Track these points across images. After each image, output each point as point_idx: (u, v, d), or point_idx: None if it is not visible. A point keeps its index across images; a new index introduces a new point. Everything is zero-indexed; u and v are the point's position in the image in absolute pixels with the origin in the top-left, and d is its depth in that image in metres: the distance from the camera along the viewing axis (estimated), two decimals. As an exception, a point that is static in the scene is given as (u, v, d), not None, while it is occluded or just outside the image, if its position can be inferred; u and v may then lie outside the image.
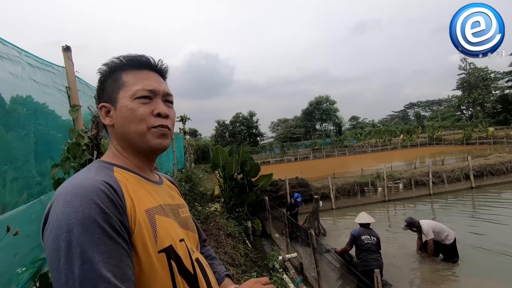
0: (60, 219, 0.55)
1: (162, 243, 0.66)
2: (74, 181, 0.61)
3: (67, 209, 0.55)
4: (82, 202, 0.56)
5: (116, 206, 0.60)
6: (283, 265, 5.61)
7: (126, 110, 0.73)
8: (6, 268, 1.39)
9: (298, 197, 8.17)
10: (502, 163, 12.38)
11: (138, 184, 0.73)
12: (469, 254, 5.91)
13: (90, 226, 0.54)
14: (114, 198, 0.60)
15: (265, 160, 34.89)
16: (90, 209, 0.55)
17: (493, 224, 7.60)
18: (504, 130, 35.15)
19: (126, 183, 0.68)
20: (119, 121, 0.74)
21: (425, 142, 38.07)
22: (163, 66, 0.84)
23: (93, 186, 0.59)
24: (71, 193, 0.57)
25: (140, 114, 0.73)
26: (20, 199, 1.68)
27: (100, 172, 0.67)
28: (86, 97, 2.48)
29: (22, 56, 1.66)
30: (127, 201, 0.64)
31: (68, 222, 0.54)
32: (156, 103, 0.76)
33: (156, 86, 0.77)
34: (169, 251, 0.67)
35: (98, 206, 0.56)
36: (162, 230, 0.68)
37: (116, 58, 0.78)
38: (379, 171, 12.08)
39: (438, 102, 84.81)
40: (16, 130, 1.70)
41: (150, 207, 0.69)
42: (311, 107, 60.68)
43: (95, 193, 0.58)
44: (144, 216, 0.66)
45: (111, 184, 0.63)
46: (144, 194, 0.71)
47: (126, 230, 0.61)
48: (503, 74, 52.27)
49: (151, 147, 0.75)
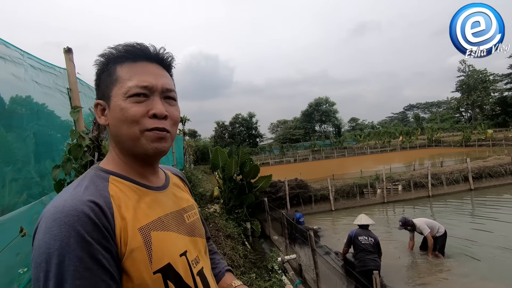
0: (40, 246, 0.52)
1: (158, 262, 0.62)
2: (58, 202, 0.56)
3: (46, 236, 0.52)
4: (61, 229, 0.52)
5: (100, 230, 0.55)
6: (282, 267, 5.62)
7: (118, 110, 0.65)
8: (8, 268, 1.40)
9: (301, 217, 8.09)
10: (501, 165, 12.42)
11: (136, 197, 0.67)
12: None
13: (66, 258, 0.51)
14: (99, 221, 0.55)
15: (264, 161, 34.91)
16: (69, 238, 0.51)
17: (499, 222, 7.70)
18: (503, 132, 35.24)
19: (120, 198, 0.63)
20: (113, 122, 0.67)
21: (424, 144, 38.14)
22: (165, 56, 0.73)
23: (75, 210, 0.54)
24: (51, 217, 0.53)
25: (132, 115, 0.64)
26: (20, 200, 1.69)
27: (92, 185, 0.62)
28: (87, 99, 2.50)
29: (24, 58, 1.67)
30: (117, 222, 0.59)
31: (46, 252, 0.51)
32: (152, 101, 0.66)
33: (153, 82, 0.67)
34: (166, 271, 0.63)
35: (78, 234, 0.52)
36: (158, 248, 0.63)
37: (112, 48, 0.69)
38: (378, 173, 12.11)
39: (437, 104, 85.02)
40: (15, 130, 1.69)
41: (146, 223, 0.64)
42: (310, 108, 60.73)
43: (76, 218, 0.53)
44: (138, 236, 0.61)
45: (99, 203, 0.57)
46: (141, 208, 0.65)
47: (112, 256, 0.56)
48: (502, 76, 52.48)
49: (146, 152, 0.67)
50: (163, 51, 0.72)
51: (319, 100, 60.57)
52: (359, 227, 5.26)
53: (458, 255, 6.08)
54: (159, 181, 0.77)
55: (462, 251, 6.22)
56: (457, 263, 5.80)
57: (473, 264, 5.69)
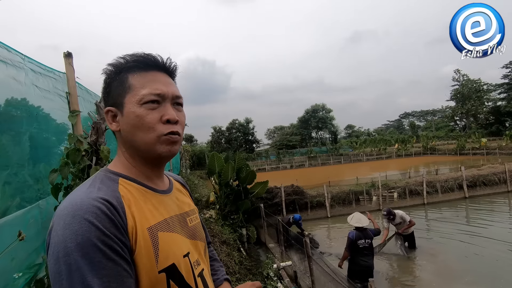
0: (60, 241, 0.54)
1: (163, 262, 0.65)
2: (74, 200, 0.59)
3: (67, 232, 0.54)
4: (81, 224, 0.55)
5: (116, 226, 0.59)
6: (278, 273, 5.59)
7: (133, 117, 0.69)
8: (3, 273, 1.38)
9: (300, 219, 8.32)
10: (495, 174, 12.54)
11: (144, 198, 0.70)
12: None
13: (89, 250, 0.54)
14: (114, 218, 0.59)
15: (260, 167, 34.86)
16: (90, 232, 0.54)
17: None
18: (496, 141, 35.66)
19: (130, 199, 0.66)
20: (126, 128, 0.70)
21: (420, 151, 38.44)
22: (172, 65, 0.78)
23: (93, 206, 0.57)
24: (70, 214, 0.56)
25: (149, 121, 0.68)
26: (13, 204, 1.68)
27: (104, 186, 0.65)
28: (85, 103, 2.50)
29: (25, 62, 1.68)
30: (128, 220, 0.62)
31: (68, 246, 0.53)
32: (165, 108, 0.71)
33: (164, 90, 0.71)
34: (170, 271, 0.65)
35: (97, 228, 0.55)
36: (164, 248, 0.66)
37: (122, 58, 0.73)
38: (374, 180, 12.16)
39: (432, 112, 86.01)
40: (9, 133, 1.69)
41: (154, 223, 0.67)
42: (307, 115, 61.07)
43: (94, 215, 0.56)
44: (146, 235, 0.64)
45: (112, 202, 0.61)
46: (148, 209, 0.69)
47: (128, 250, 0.60)
48: (495, 86, 53.45)
49: (160, 155, 0.71)
50: (169, 61, 0.77)
51: (316, 106, 60.98)
52: (356, 229, 5.19)
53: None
54: (164, 185, 0.81)
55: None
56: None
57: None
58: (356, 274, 5.03)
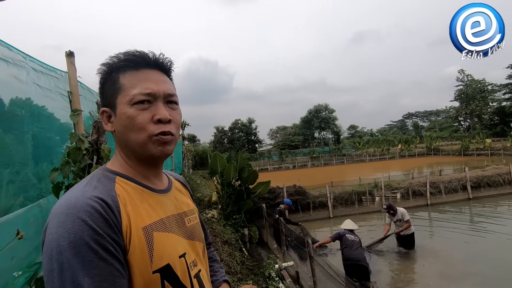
0: (53, 239, 0.54)
1: (158, 262, 0.64)
2: (69, 198, 0.59)
3: (60, 230, 0.54)
4: (74, 223, 0.55)
5: (110, 225, 0.58)
6: (280, 274, 5.57)
7: (125, 118, 0.68)
8: (3, 271, 1.38)
9: (290, 202, 8.75)
10: (499, 175, 12.42)
11: (140, 197, 0.70)
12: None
13: (81, 249, 0.53)
14: (108, 217, 0.59)
15: (263, 167, 34.83)
16: (82, 231, 0.54)
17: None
18: (501, 142, 35.35)
19: (126, 198, 0.66)
20: (119, 129, 0.70)
21: (423, 152, 38.17)
22: (165, 61, 0.76)
23: (87, 205, 0.57)
24: (65, 212, 0.56)
25: (139, 122, 0.68)
26: (16, 202, 1.68)
27: (100, 184, 0.65)
28: (87, 102, 2.51)
29: (27, 61, 1.68)
30: (123, 219, 0.62)
31: (61, 244, 0.53)
32: (156, 107, 0.70)
33: (155, 88, 0.70)
34: (164, 271, 0.65)
35: (90, 227, 0.55)
36: (159, 248, 0.65)
37: (114, 57, 0.72)
38: (377, 181, 12.10)
39: (436, 112, 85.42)
40: (13, 132, 1.70)
41: (149, 223, 0.67)
42: (310, 115, 60.94)
43: (88, 213, 0.56)
44: (141, 235, 0.63)
45: (107, 201, 0.61)
46: (144, 208, 0.68)
47: (121, 249, 0.59)
48: (500, 86, 52.97)
49: (153, 156, 0.71)
50: (162, 56, 0.75)
51: (319, 107, 60.84)
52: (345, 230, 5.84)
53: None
54: (162, 184, 0.80)
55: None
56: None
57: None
58: (349, 268, 5.28)
